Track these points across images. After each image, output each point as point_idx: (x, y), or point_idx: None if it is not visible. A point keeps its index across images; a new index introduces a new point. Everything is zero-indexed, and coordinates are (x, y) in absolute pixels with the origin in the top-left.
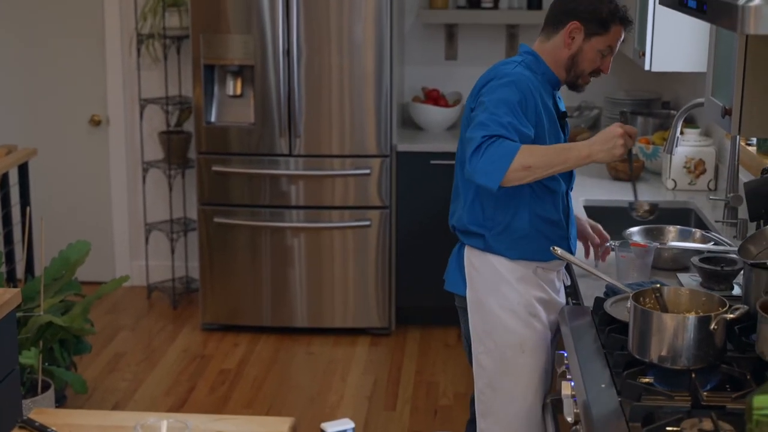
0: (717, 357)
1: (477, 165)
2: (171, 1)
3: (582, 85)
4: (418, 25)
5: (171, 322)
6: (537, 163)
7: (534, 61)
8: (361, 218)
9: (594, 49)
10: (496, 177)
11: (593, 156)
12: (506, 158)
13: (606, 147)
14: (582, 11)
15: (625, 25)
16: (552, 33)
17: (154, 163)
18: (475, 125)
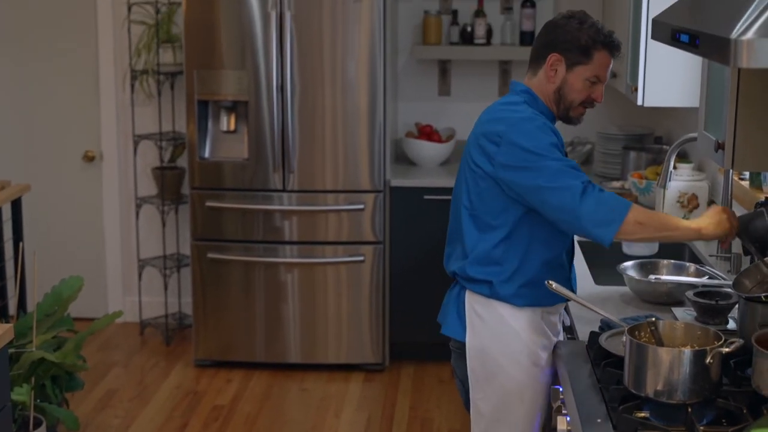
0: (713, 391)
1: (593, 214)
2: (165, 38)
3: (575, 118)
4: (412, 62)
5: (164, 358)
6: (648, 221)
7: (533, 100)
8: (354, 253)
9: (580, 78)
10: (611, 229)
11: (704, 230)
12: (621, 210)
13: (715, 221)
14: (561, 41)
15: (611, 49)
16: (536, 68)
17: (148, 198)
18: (553, 174)
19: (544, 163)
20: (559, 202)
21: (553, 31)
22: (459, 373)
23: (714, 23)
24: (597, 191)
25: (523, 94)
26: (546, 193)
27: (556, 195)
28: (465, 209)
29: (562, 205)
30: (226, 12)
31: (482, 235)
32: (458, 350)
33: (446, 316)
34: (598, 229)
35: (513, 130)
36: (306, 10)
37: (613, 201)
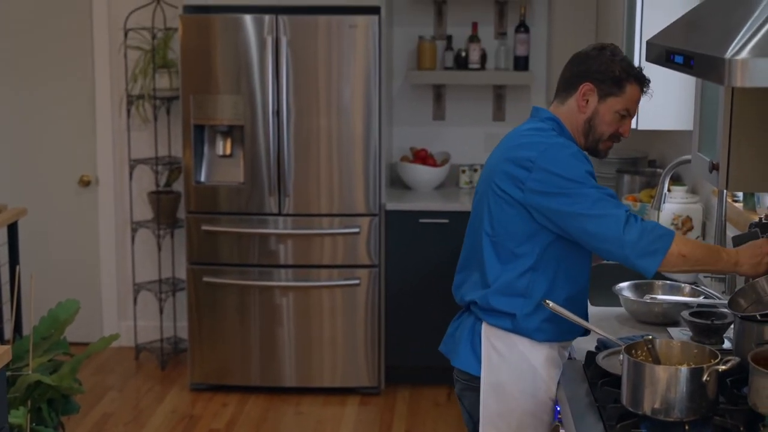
0: (710, 409)
1: (637, 244)
2: (161, 63)
3: (603, 151)
4: (407, 86)
5: (159, 382)
6: (691, 254)
7: (560, 129)
8: (350, 277)
9: (610, 110)
10: (656, 260)
11: (740, 267)
12: (665, 241)
13: (753, 261)
14: (594, 71)
15: (642, 83)
16: (565, 97)
17: (143, 223)
18: (594, 202)
19: (582, 190)
20: (602, 231)
21: (586, 62)
22: (467, 405)
23: (708, 44)
24: (640, 221)
25: (549, 121)
26: (587, 221)
27: (599, 223)
28: (487, 236)
29: (604, 234)
30: (222, 37)
31: (505, 263)
32: (468, 382)
33: (457, 347)
34: (642, 259)
35: (546, 156)
36: (302, 35)
37: (657, 231)
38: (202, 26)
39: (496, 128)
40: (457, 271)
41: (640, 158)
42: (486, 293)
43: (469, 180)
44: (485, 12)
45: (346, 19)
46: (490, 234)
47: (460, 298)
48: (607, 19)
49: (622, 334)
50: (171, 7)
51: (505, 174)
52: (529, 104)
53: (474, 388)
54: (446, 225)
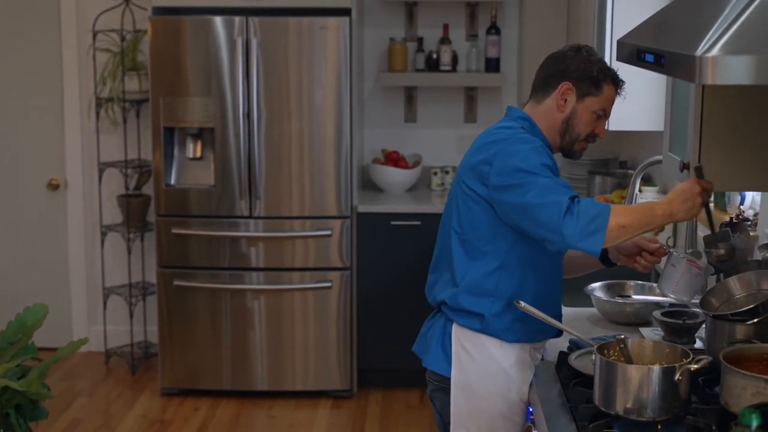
0: (682, 408)
1: (575, 228)
2: (130, 65)
3: (578, 151)
4: (378, 88)
5: (129, 387)
6: (630, 222)
7: (531, 128)
8: (321, 279)
9: (588, 110)
10: (598, 239)
11: (675, 215)
12: (602, 218)
13: (686, 207)
14: (573, 71)
15: (617, 84)
16: (542, 97)
17: (113, 226)
18: (541, 191)
19: (534, 179)
20: (545, 219)
21: (563, 62)
22: (438, 406)
23: (678, 42)
24: (579, 205)
25: (520, 120)
26: (534, 211)
27: (543, 211)
28: (455, 234)
29: (546, 222)
30: (192, 39)
31: (473, 262)
32: (439, 383)
33: (428, 347)
34: (584, 241)
35: (506, 150)
36: (272, 37)
37: (592, 210)
38: (172, 28)
39: (468, 130)
40: (430, 271)
41: (611, 159)
42: (455, 292)
43: (441, 182)
44: (456, 14)
45: (317, 21)
46: (459, 232)
47: (432, 298)
48: (577, 19)
49: (594, 335)
50: (140, 9)
51: (471, 172)
52: (501, 106)
53: (445, 389)
54: (418, 227)
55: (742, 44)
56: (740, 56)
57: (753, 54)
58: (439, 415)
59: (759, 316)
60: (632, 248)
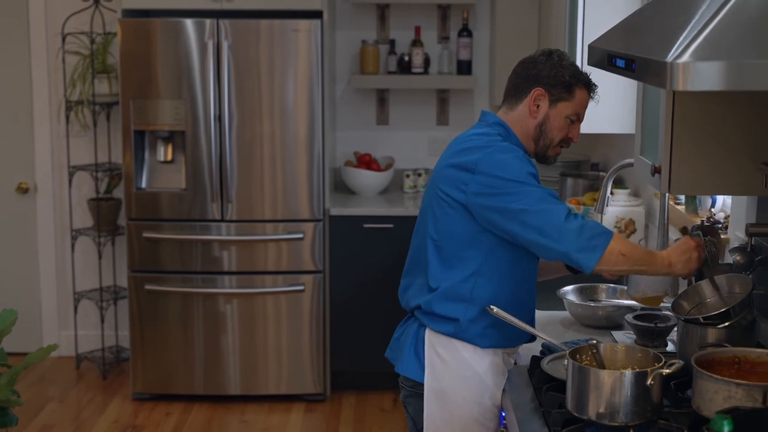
0: (654, 413)
1: (576, 239)
2: (100, 68)
3: (552, 156)
4: (350, 91)
5: (100, 392)
6: (630, 253)
7: (506, 133)
8: (294, 283)
9: (561, 115)
10: (594, 256)
11: (674, 267)
12: (604, 238)
13: (683, 258)
14: (544, 77)
15: (590, 88)
16: (515, 103)
17: (83, 230)
18: (536, 199)
19: (525, 188)
20: (542, 225)
21: (535, 67)
22: (411, 412)
23: (649, 47)
24: (580, 217)
25: (496, 126)
26: (527, 216)
27: (539, 218)
28: (431, 240)
29: (544, 228)
30: (162, 42)
31: (449, 268)
32: (413, 389)
33: (401, 353)
34: (581, 253)
35: (489, 159)
36: (243, 39)
37: (597, 228)
38: (142, 30)
39: (440, 132)
40: (403, 275)
41: (583, 162)
42: (430, 298)
43: (414, 184)
44: (428, 16)
45: (288, 24)
46: (435, 238)
47: (405, 302)
48: (549, 23)
49: (566, 338)
50: (110, 11)
51: (448, 178)
52: (473, 108)
53: (418, 394)
54: (391, 230)
55: (712, 50)
56: (711, 62)
57: (724, 60)
58: (413, 421)
59: (730, 320)
60: None
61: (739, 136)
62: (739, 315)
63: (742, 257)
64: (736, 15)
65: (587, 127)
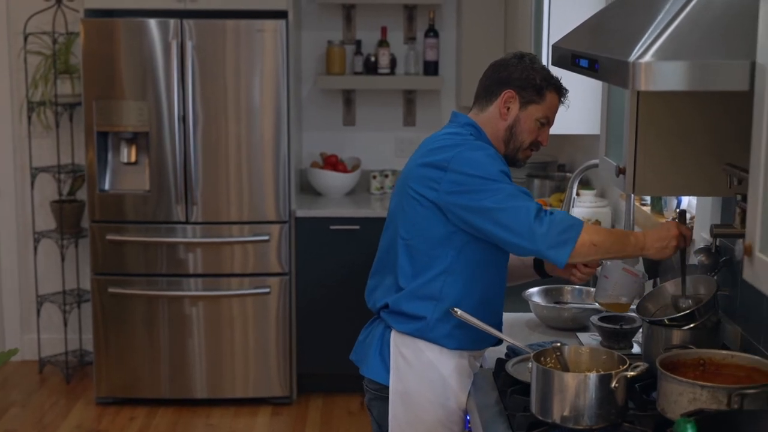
0: (619, 415)
1: (547, 235)
2: (63, 68)
3: (522, 159)
4: (316, 91)
5: (64, 396)
6: (601, 242)
7: (477, 134)
8: (260, 285)
9: (531, 118)
10: (566, 251)
11: (647, 250)
12: (574, 231)
13: (659, 245)
14: (515, 79)
15: (560, 93)
16: (486, 105)
17: (46, 233)
18: (507, 195)
19: (495, 185)
20: (513, 223)
21: (506, 69)
22: (376, 415)
23: (612, 47)
24: (549, 213)
25: (467, 126)
26: (499, 214)
27: (510, 215)
28: (401, 240)
29: (515, 226)
30: (126, 42)
31: (419, 267)
32: (377, 392)
33: (366, 356)
34: (553, 250)
35: (460, 157)
36: (208, 40)
37: (567, 221)
38: (105, 30)
39: (407, 133)
40: (371, 276)
41: (549, 162)
42: (398, 297)
43: (380, 186)
44: (394, 17)
45: (253, 24)
46: (405, 237)
47: (372, 303)
48: (515, 23)
49: (532, 340)
50: (72, 11)
51: (420, 177)
52: (440, 109)
53: (383, 397)
54: (357, 231)
55: (675, 49)
56: (673, 62)
57: (686, 60)
58: (377, 425)
59: (695, 321)
60: None
61: (703, 137)
62: (704, 317)
63: (706, 258)
64: (699, 14)
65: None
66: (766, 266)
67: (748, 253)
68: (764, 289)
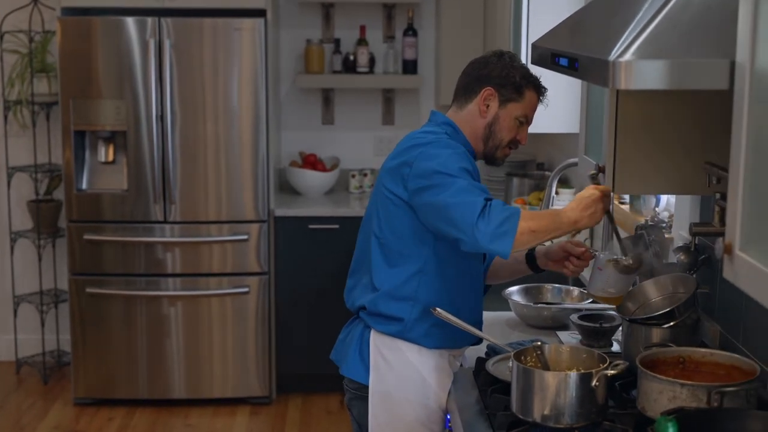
0: (599, 414)
1: (486, 229)
2: (39, 67)
3: (500, 158)
4: (295, 90)
5: (41, 397)
6: (539, 227)
7: (454, 133)
8: (239, 285)
9: (510, 116)
10: (508, 241)
11: (579, 223)
12: (512, 221)
13: (588, 213)
14: (495, 77)
15: (539, 91)
16: (465, 102)
17: (23, 232)
18: (457, 191)
19: (451, 180)
20: (458, 218)
21: (486, 67)
22: (356, 415)
23: (592, 46)
24: (492, 207)
25: (444, 125)
26: (450, 210)
27: (456, 211)
28: (375, 238)
29: (459, 221)
30: (103, 40)
31: (393, 266)
32: (357, 392)
33: (345, 355)
34: (494, 243)
35: (426, 153)
36: (186, 38)
37: (504, 212)
38: (82, 29)
39: (386, 132)
40: (349, 276)
41: (528, 161)
42: (374, 298)
43: (359, 185)
44: (373, 15)
45: (232, 22)
46: (379, 236)
47: (351, 303)
48: (494, 21)
49: (512, 339)
50: (49, 9)
51: (392, 175)
52: (419, 108)
53: (362, 397)
54: (336, 231)
55: (655, 48)
56: (653, 61)
57: (666, 58)
58: (357, 424)
59: (674, 320)
60: (560, 253)
61: (682, 136)
62: (683, 315)
63: (686, 257)
64: (678, 13)
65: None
66: (746, 264)
67: (728, 252)
68: (745, 288)
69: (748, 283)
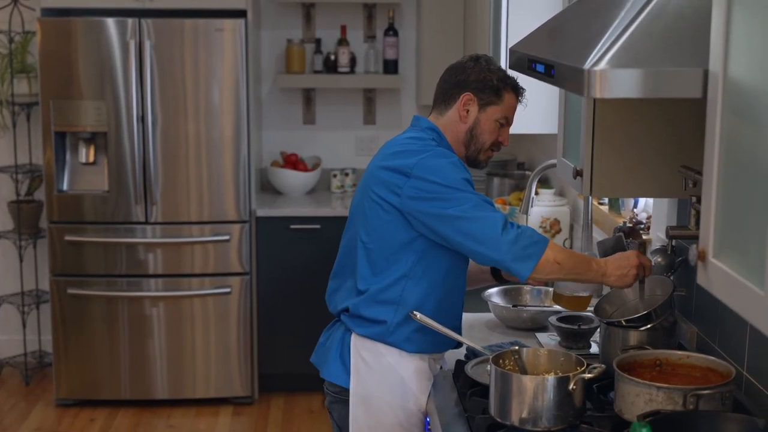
0: (577, 417)
1: (512, 248)
2: (19, 67)
3: (483, 161)
4: (276, 90)
5: (23, 398)
6: (564, 261)
7: (439, 138)
8: (221, 285)
9: (491, 119)
10: (529, 265)
11: (607, 278)
12: (539, 247)
13: (619, 273)
14: (473, 81)
15: (518, 92)
16: (445, 108)
17: (4, 233)
18: (472, 206)
19: (460, 194)
20: (480, 233)
21: (463, 72)
22: (337, 418)
23: (568, 54)
24: (516, 226)
25: (429, 131)
26: (465, 223)
27: (476, 225)
28: (362, 243)
29: (481, 236)
30: (83, 41)
31: (378, 271)
32: (338, 395)
33: (326, 358)
34: (516, 263)
35: (424, 164)
36: (166, 39)
37: (533, 237)
38: (62, 29)
39: (367, 132)
40: (331, 278)
41: (509, 161)
42: (358, 301)
43: (341, 184)
44: (354, 15)
45: (212, 23)
46: (365, 241)
47: (333, 306)
48: (474, 22)
49: (491, 341)
50: (29, 10)
51: (382, 181)
52: (400, 107)
53: (343, 400)
54: (318, 231)
55: (629, 57)
56: (628, 69)
57: (640, 67)
58: (338, 427)
59: (652, 322)
60: None
61: (659, 140)
62: (660, 317)
63: (663, 259)
64: (653, 22)
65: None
66: (719, 272)
67: (702, 259)
68: (719, 295)
69: (722, 291)
